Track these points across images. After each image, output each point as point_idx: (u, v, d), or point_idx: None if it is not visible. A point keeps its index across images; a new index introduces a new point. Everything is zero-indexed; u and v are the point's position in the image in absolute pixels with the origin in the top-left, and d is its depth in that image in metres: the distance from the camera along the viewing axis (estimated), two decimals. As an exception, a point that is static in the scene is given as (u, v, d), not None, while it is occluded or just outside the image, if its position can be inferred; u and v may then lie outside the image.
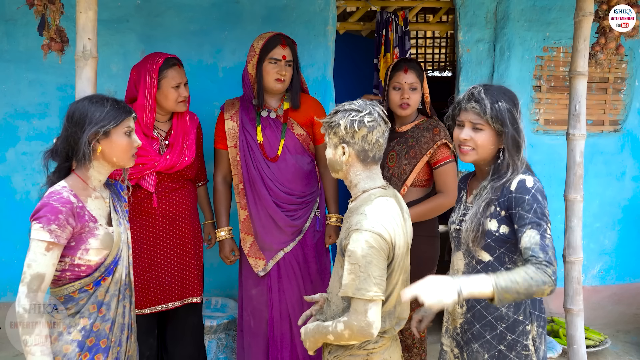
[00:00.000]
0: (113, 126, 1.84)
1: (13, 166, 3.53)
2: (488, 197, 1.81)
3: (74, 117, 1.82)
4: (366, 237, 1.71)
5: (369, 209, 1.77)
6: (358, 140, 1.81)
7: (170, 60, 2.57)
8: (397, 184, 2.72)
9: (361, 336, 1.72)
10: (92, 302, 1.83)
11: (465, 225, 1.87)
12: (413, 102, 2.70)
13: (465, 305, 1.93)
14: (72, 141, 1.82)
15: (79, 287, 1.81)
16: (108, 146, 1.85)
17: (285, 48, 2.66)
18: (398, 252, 1.79)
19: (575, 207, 2.36)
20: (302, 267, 2.74)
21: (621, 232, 4.00)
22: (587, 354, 3.42)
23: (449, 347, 2.02)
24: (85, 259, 1.80)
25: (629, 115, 3.93)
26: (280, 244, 2.72)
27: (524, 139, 1.83)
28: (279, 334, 2.73)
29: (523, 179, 1.78)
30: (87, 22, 2.08)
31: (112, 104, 1.86)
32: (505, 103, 1.81)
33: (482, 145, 1.85)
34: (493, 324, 1.86)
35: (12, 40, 3.42)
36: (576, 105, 2.41)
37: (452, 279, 1.62)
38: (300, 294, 2.71)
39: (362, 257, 1.70)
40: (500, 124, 1.80)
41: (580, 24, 2.39)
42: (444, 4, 4.41)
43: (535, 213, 1.72)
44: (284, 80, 2.67)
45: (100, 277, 1.84)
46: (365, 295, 1.69)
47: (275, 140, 2.71)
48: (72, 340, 1.79)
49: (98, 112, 1.82)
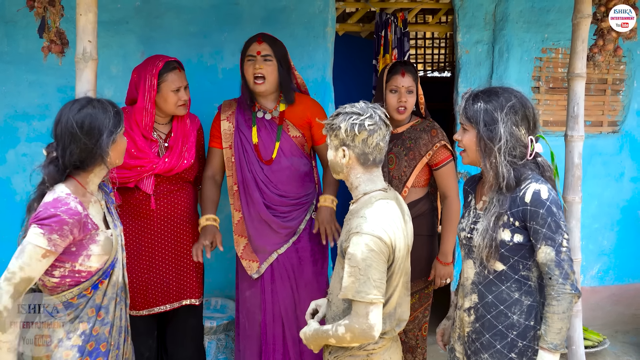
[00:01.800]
0: (121, 130, 1.86)
1: (13, 167, 3.53)
2: (496, 211, 1.80)
3: (84, 126, 1.77)
4: (366, 240, 1.71)
5: (370, 211, 1.78)
6: (358, 144, 1.82)
7: (171, 64, 2.55)
8: (397, 186, 2.74)
9: (363, 339, 1.74)
10: (91, 305, 1.82)
11: (477, 239, 1.84)
12: (410, 105, 2.73)
13: (474, 314, 1.89)
14: (84, 152, 1.78)
15: (77, 292, 1.80)
16: (115, 150, 1.86)
17: (261, 44, 2.62)
18: (398, 254, 1.80)
19: (574, 208, 2.36)
20: (296, 269, 2.72)
21: (620, 233, 4.01)
22: (586, 355, 3.42)
23: (460, 353, 1.99)
24: (86, 265, 1.79)
25: (627, 116, 3.93)
26: (273, 245, 2.70)
27: (507, 143, 1.76)
28: (272, 336, 2.73)
29: (538, 189, 1.74)
30: (87, 24, 2.08)
31: (110, 107, 1.85)
32: (485, 104, 1.79)
33: (467, 145, 1.86)
34: (504, 332, 1.83)
35: (12, 42, 3.42)
36: (574, 107, 2.41)
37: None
38: (294, 297, 2.71)
39: (362, 260, 1.70)
40: (475, 124, 1.80)
41: (579, 26, 2.39)
42: (443, 5, 4.42)
43: (550, 228, 1.72)
44: (261, 76, 2.60)
45: (98, 280, 1.83)
46: (365, 298, 1.70)
47: (270, 142, 2.70)
48: (73, 345, 1.78)
49: (107, 118, 1.80)
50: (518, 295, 1.82)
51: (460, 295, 1.99)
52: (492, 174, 1.80)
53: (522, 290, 1.82)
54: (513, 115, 1.78)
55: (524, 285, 1.82)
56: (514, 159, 1.79)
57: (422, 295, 2.80)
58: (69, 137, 1.77)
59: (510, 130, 1.77)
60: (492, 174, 1.80)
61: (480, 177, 2.01)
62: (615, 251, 4.01)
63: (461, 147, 1.91)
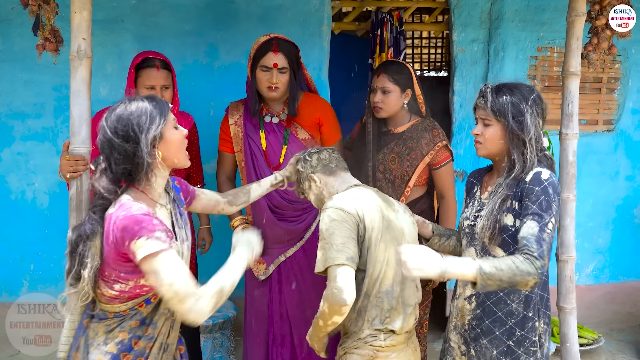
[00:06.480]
0: (164, 124, 1.65)
1: (8, 166, 3.53)
2: (504, 193, 1.84)
3: (118, 132, 1.60)
4: (328, 212, 1.84)
5: (336, 195, 1.93)
6: (317, 165, 2.05)
7: (151, 61, 2.51)
8: (400, 185, 2.75)
9: (336, 304, 1.73)
10: (137, 318, 1.69)
11: (481, 222, 1.89)
12: (386, 105, 2.71)
13: (475, 301, 1.94)
14: (129, 158, 1.61)
15: (131, 305, 1.67)
16: (166, 148, 1.67)
17: (277, 54, 2.52)
18: (371, 224, 1.85)
19: (568, 206, 2.37)
20: (304, 271, 2.69)
21: (615, 231, 4.02)
22: (581, 353, 3.43)
23: (456, 343, 2.03)
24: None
25: (622, 114, 3.95)
26: (280, 248, 2.69)
27: (534, 134, 1.83)
28: (279, 336, 2.71)
29: (539, 171, 1.80)
30: (81, 22, 2.07)
31: (149, 101, 1.66)
32: (510, 97, 1.84)
33: (489, 139, 1.89)
34: (503, 319, 1.87)
35: (7, 40, 3.42)
36: (569, 105, 2.42)
37: (441, 257, 1.65)
38: (301, 297, 2.69)
39: (326, 230, 1.81)
40: (503, 117, 1.84)
41: (573, 24, 2.39)
42: (439, 4, 4.42)
43: (541, 205, 1.74)
44: (277, 88, 2.56)
45: (153, 295, 1.69)
46: (331, 262, 1.76)
47: (278, 146, 2.66)
48: (107, 352, 1.66)
49: (142, 115, 1.62)
50: None
51: (460, 285, 2.03)
52: (520, 165, 1.83)
53: None
54: (536, 108, 1.85)
55: None
56: (538, 150, 1.86)
57: (423, 293, 2.80)
58: (109, 146, 1.62)
59: (535, 122, 1.84)
60: (520, 164, 1.83)
61: (487, 170, 2.06)
62: (610, 249, 4.03)
63: (480, 140, 1.92)
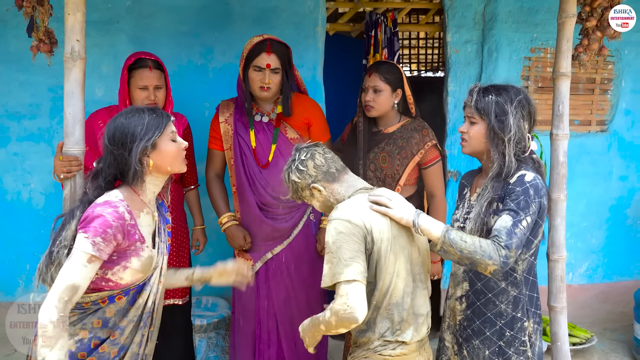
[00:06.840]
0: (158, 136, 1.76)
1: (4, 167, 3.54)
2: (489, 196, 1.85)
3: (115, 137, 1.74)
4: (334, 224, 1.76)
5: (343, 203, 1.84)
6: (314, 173, 1.90)
7: (143, 61, 2.53)
8: (390, 184, 2.79)
9: (346, 321, 1.68)
10: (99, 317, 1.73)
11: (469, 225, 1.90)
12: (377, 104, 2.75)
13: (465, 302, 1.97)
14: (120, 163, 1.75)
15: (94, 299, 1.72)
16: (158, 157, 1.78)
17: (270, 55, 2.56)
18: (379, 236, 1.77)
19: (559, 206, 2.38)
20: (291, 268, 2.73)
21: (608, 231, 4.03)
22: (574, 352, 3.46)
23: (450, 342, 2.05)
24: (118, 276, 1.72)
25: (615, 115, 3.96)
26: (267, 245, 2.72)
27: (516, 134, 1.84)
28: (266, 333, 2.74)
29: (524, 174, 1.82)
30: (75, 23, 2.08)
31: (149, 113, 1.78)
32: (495, 96, 1.86)
33: (473, 137, 1.91)
34: (492, 320, 1.90)
35: (3, 42, 3.43)
36: (559, 106, 2.44)
37: (416, 210, 1.78)
38: (288, 295, 2.73)
39: (333, 243, 1.74)
40: (486, 116, 1.86)
41: (563, 26, 2.41)
42: (433, 5, 4.44)
43: (518, 204, 1.76)
44: (269, 88, 2.60)
45: (117, 294, 1.75)
46: (340, 278, 1.69)
47: (267, 145, 2.70)
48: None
49: (139, 125, 1.74)
50: (504, 285, 1.90)
51: (452, 285, 2.06)
52: (498, 164, 1.85)
53: (508, 281, 1.89)
54: (521, 110, 1.87)
55: (509, 276, 1.89)
56: (519, 152, 1.88)
57: None
58: (106, 150, 1.76)
59: (518, 123, 1.86)
60: (499, 163, 1.85)
61: (478, 171, 2.08)
62: (603, 249, 4.04)
63: (465, 138, 1.95)
